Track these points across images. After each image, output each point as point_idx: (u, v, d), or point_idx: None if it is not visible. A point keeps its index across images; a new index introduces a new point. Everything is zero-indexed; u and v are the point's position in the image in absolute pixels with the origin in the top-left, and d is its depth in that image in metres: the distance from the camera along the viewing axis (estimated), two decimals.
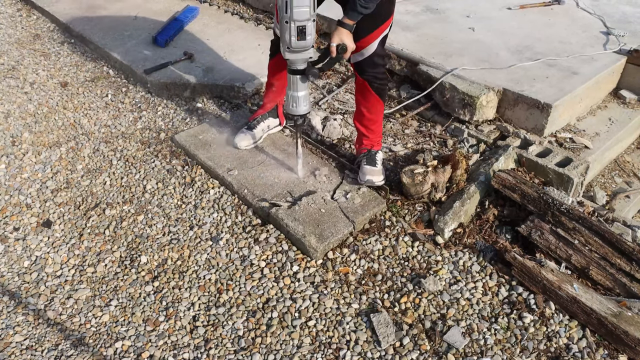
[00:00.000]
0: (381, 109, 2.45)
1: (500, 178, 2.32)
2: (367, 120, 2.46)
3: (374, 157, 2.46)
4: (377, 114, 2.45)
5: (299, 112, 2.29)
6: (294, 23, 2.01)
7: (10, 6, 4.43)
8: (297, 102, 2.26)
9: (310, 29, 2.04)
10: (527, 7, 3.80)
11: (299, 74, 2.19)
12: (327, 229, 2.20)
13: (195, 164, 2.66)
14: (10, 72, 3.45)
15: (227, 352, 1.87)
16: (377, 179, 2.40)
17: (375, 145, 2.51)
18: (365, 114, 2.44)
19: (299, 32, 2.03)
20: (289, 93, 2.26)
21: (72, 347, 1.90)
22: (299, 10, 1.98)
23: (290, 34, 2.03)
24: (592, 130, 2.86)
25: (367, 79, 2.31)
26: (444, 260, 2.16)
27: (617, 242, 2.04)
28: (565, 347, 1.84)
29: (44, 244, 2.31)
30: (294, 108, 2.28)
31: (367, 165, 2.43)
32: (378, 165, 2.43)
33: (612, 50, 3.13)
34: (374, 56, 2.25)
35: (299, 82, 2.22)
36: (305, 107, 2.29)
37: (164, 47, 3.54)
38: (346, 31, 2.09)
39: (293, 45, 2.06)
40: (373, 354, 1.84)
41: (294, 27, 2.02)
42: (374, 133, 2.49)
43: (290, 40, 2.05)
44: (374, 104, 2.40)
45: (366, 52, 2.23)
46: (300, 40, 2.05)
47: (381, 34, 2.21)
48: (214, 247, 2.25)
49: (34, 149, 2.80)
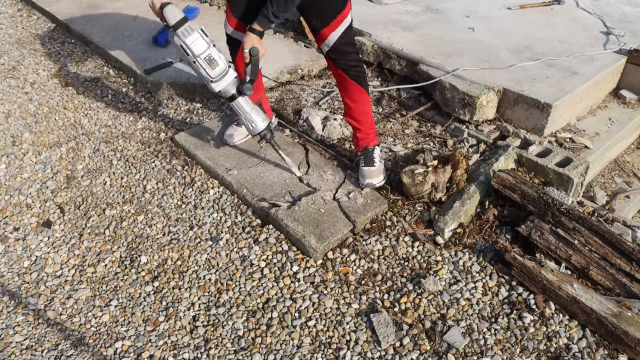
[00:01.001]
0: (365, 98, 2.43)
1: (500, 178, 2.32)
2: (354, 112, 2.45)
3: (371, 155, 2.45)
4: (362, 104, 2.43)
5: (260, 129, 2.28)
6: (200, 58, 2.09)
7: (10, 6, 4.43)
8: (252, 121, 2.27)
9: (216, 54, 2.12)
10: (527, 7, 3.80)
11: (237, 97, 2.22)
12: (326, 229, 2.20)
13: (195, 164, 2.66)
14: (10, 72, 3.45)
15: (227, 352, 1.87)
16: (377, 180, 2.40)
17: (371, 141, 2.50)
18: (350, 105, 2.43)
19: (209, 62, 2.11)
20: (241, 118, 2.28)
21: (72, 347, 1.90)
22: (195, 45, 2.07)
23: (203, 69, 2.11)
24: (592, 130, 2.86)
25: (341, 67, 2.31)
26: (444, 261, 2.16)
27: (617, 242, 2.04)
28: (565, 347, 1.84)
29: (44, 244, 2.31)
30: (254, 128, 2.28)
31: (365, 166, 2.42)
32: (376, 164, 2.42)
33: (612, 50, 3.13)
34: (339, 44, 2.24)
35: (242, 105, 2.24)
36: (263, 120, 2.28)
37: (164, 47, 3.54)
38: (256, 37, 2.12)
39: (212, 75, 2.12)
40: (373, 354, 1.84)
41: (202, 60, 2.10)
42: (364, 125, 2.48)
43: (208, 73, 2.11)
44: (356, 92, 2.39)
45: (329, 41, 2.24)
46: (215, 67, 2.12)
47: (340, 24, 2.21)
48: (214, 247, 2.26)
49: (34, 149, 2.80)
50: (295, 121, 2.95)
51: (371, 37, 3.36)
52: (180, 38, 2.08)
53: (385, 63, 3.27)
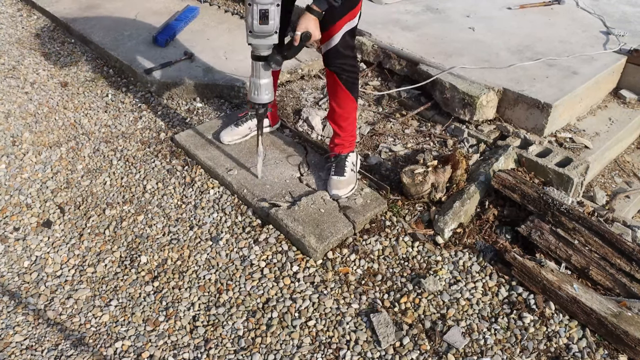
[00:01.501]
0: (353, 106, 2.36)
1: (500, 178, 2.32)
2: (338, 116, 2.38)
3: (343, 163, 2.38)
4: (348, 111, 2.36)
5: (261, 100, 2.22)
6: (257, 5, 1.94)
7: (10, 6, 4.43)
8: (259, 89, 2.19)
9: (273, 14, 1.97)
10: (527, 7, 3.80)
11: (262, 60, 2.12)
12: (326, 229, 2.20)
13: (195, 164, 2.66)
14: (10, 71, 3.45)
15: (227, 352, 1.87)
16: (344, 192, 2.34)
17: (346, 148, 2.43)
18: (335, 109, 2.37)
19: (262, 15, 1.96)
20: (251, 80, 2.19)
21: (72, 347, 1.90)
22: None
23: (252, 17, 1.96)
24: (592, 130, 2.86)
25: (334, 70, 2.24)
26: (444, 261, 2.16)
27: (617, 242, 2.04)
28: (565, 347, 1.84)
29: (44, 244, 2.31)
30: (256, 96, 2.21)
31: (335, 175, 2.36)
32: (346, 174, 2.36)
33: (612, 50, 3.13)
34: (339, 46, 2.17)
35: (261, 69, 2.15)
36: (267, 96, 2.21)
37: (164, 47, 3.54)
38: (313, 18, 2.00)
39: (255, 29, 1.99)
40: (373, 354, 1.84)
41: (256, 9, 1.95)
42: (345, 131, 2.41)
43: (253, 23, 1.98)
44: (344, 99, 2.32)
45: (332, 42, 2.17)
46: (263, 24, 1.98)
47: (346, 23, 2.13)
48: (214, 247, 2.26)
49: (34, 149, 2.80)
50: (295, 121, 2.95)
51: (371, 37, 3.35)
52: None
53: (385, 63, 3.27)
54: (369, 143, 2.78)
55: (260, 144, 2.35)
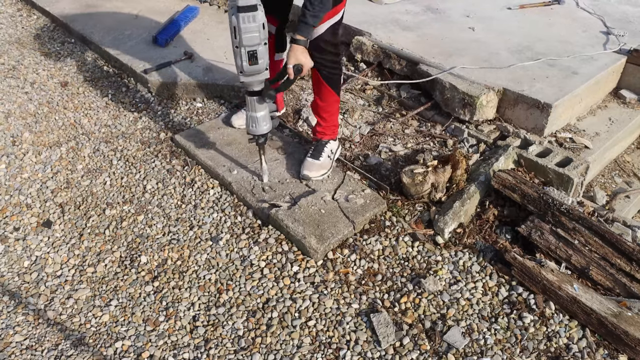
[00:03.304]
0: (334, 99, 2.40)
1: (500, 178, 2.32)
2: (320, 109, 2.44)
3: (322, 148, 2.45)
4: (329, 103, 2.41)
5: (259, 132, 2.27)
6: (244, 48, 2.00)
7: (10, 6, 4.43)
8: (257, 122, 2.25)
9: (261, 53, 2.03)
10: (527, 7, 3.80)
11: (256, 95, 2.18)
12: (327, 229, 2.20)
13: (195, 164, 2.66)
14: (10, 71, 3.45)
15: (227, 352, 1.87)
16: (314, 175, 2.40)
17: (327, 135, 2.50)
18: (317, 101, 2.43)
19: (250, 56, 2.02)
20: (248, 114, 2.25)
21: (72, 347, 1.90)
22: (247, 36, 1.97)
23: (241, 59, 2.03)
24: (592, 130, 2.86)
25: (315, 65, 2.23)
26: (444, 260, 2.16)
27: (617, 242, 2.04)
28: (565, 347, 1.84)
29: (44, 244, 2.31)
30: (254, 128, 2.27)
31: (310, 157, 2.44)
32: (321, 158, 2.43)
33: (612, 50, 3.13)
34: (320, 41, 2.18)
35: (256, 104, 2.21)
36: (266, 127, 2.27)
37: (164, 47, 3.54)
38: (301, 48, 2.05)
39: (245, 70, 2.06)
40: (373, 354, 1.84)
41: (244, 52, 2.01)
42: (327, 122, 2.48)
43: (242, 65, 2.04)
44: (325, 93, 2.36)
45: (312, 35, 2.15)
46: (253, 65, 2.04)
47: (327, 20, 2.14)
48: (214, 247, 2.26)
49: (34, 149, 2.80)
50: (295, 121, 2.95)
51: (371, 37, 3.35)
52: (238, 20, 1.96)
53: (385, 63, 3.27)
54: (369, 143, 2.78)
55: (263, 162, 2.40)
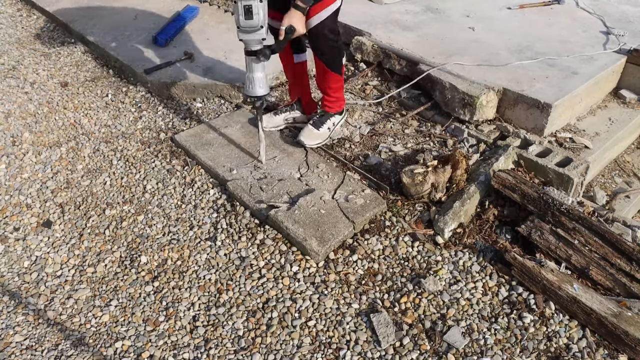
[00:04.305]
0: (337, 78, 2.50)
1: (500, 178, 2.32)
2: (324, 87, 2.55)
3: (324, 120, 2.55)
4: (333, 82, 2.51)
5: (255, 93, 2.32)
6: (240, 3, 2.07)
7: (10, 6, 4.43)
8: (253, 83, 2.30)
9: (257, 9, 2.09)
10: (527, 7, 3.79)
11: (253, 54, 2.24)
12: (327, 230, 2.20)
13: (195, 164, 2.66)
14: (10, 72, 3.45)
15: (227, 352, 1.87)
16: (310, 142, 2.50)
17: (333, 108, 2.58)
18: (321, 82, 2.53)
19: (246, 11, 2.09)
20: (246, 74, 2.31)
21: (72, 347, 1.90)
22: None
23: (238, 14, 2.10)
24: (592, 130, 2.86)
25: (314, 51, 2.36)
26: (444, 260, 2.16)
27: (617, 242, 2.04)
28: (565, 347, 1.84)
29: (44, 244, 2.31)
30: (250, 89, 2.32)
31: (311, 125, 2.53)
32: (321, 129, 2.52)
33: (612, 50, 3.13)
34: (319, 27, 2.28)
35: (252, 64, 2.27)
36: (262, 89, 2.32)
37: (164, 47, 3.54)
38: (298, 13, 2.14)
39: (242, 24, 2.13)
40: (373, 354, 1.84)
41: (240, 6, 2.08)
42: (332, 96, 2.57)
43: (239, 19, 2.11)
44: (329, 76, 2.46)
45: (312, 22, 2.27)
46: (248, 19, 2.11)
47: (326, 7, 2.23)
48: (214, 247, 2.26)
49: (34, 149, 2.80)
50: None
51: (371, 37, 3.35)
52: None
53: (385, 63, 3.27)
54: (369, 143, 2.78)
55: (261, 130, 2.45)
